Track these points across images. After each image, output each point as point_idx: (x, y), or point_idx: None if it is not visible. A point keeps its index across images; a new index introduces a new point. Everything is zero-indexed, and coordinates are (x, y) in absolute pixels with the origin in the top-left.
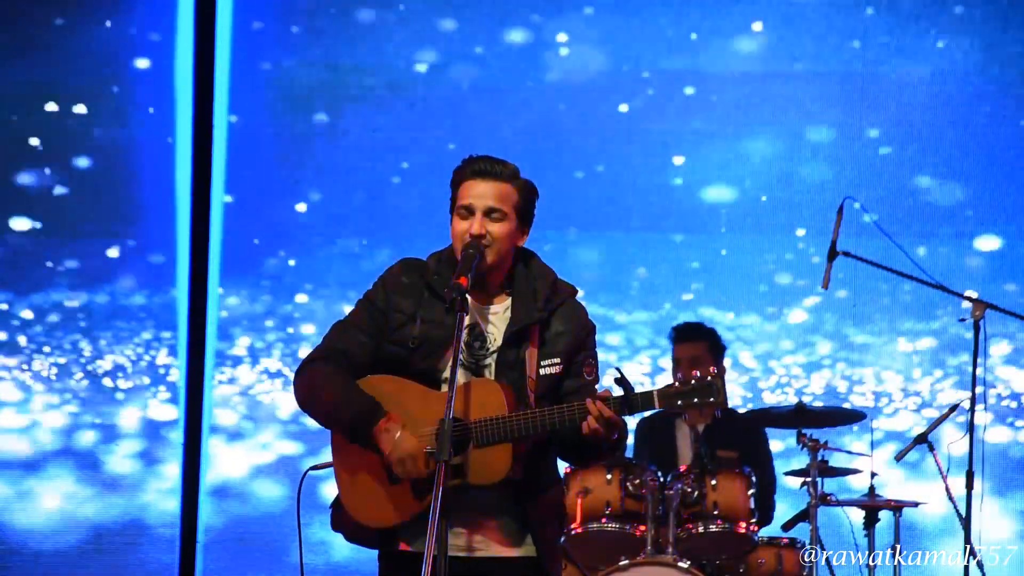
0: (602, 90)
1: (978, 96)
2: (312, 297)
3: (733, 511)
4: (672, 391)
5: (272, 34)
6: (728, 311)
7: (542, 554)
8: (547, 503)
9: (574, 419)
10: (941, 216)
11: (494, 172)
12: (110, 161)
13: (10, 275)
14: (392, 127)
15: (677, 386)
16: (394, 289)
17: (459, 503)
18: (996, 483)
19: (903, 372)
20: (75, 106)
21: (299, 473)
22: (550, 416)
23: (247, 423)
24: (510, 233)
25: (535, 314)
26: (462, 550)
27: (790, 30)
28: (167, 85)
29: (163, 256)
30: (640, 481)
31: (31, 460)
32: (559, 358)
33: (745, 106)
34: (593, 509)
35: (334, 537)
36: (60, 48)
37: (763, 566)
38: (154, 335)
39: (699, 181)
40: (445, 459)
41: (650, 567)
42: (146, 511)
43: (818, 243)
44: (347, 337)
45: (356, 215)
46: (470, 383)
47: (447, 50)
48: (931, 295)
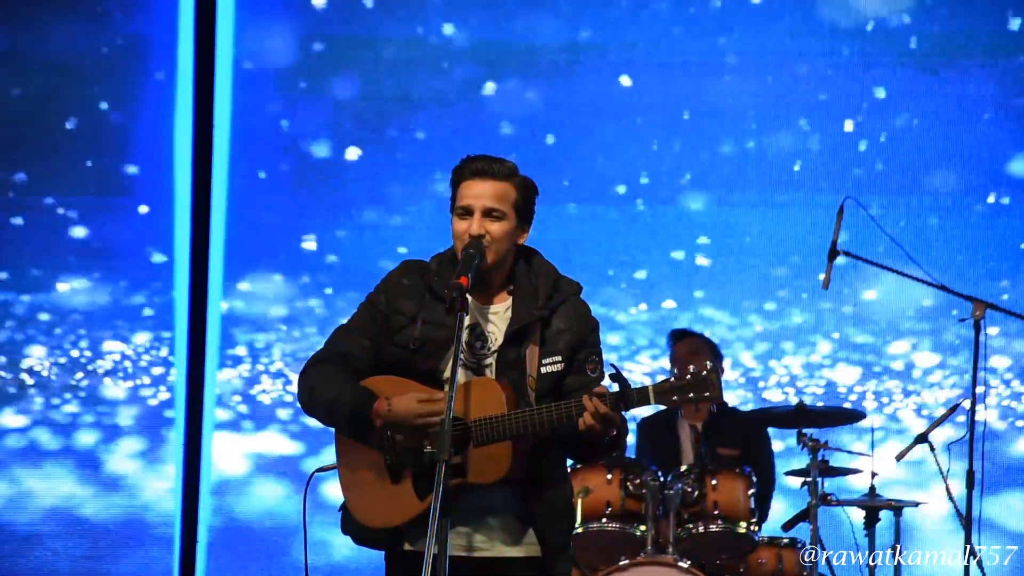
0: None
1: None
2: (312, 297)
3: (733, 511)
4: (667, 386)
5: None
6: (728, 311)
7: (547, 554)
8: (553, 502)
9: (571, 416)
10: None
11: (492, 171)
12: (111, 160)
13: (11, 274)
14: (394, 129)
15: (672, 381)
16: (395, 291)
17: (461, 502)
18: (996, 483)
19: (903, 372)
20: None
21: (299, 473)
22: (548, 413)
23: (247, 423)
24: (509, 232)
25: (535, 312)
26: (464, 549)
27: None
28: (169, 86)
29: (163, 256)
30: (640, 481)
31: (31, 460)
32: (560, 356)
33: (745, 108)
34: (593, 509)
35: (335, 537)
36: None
37: (763, 566)
38: (154, 335)
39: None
40: (445, 459)
41: (650, 567)
42: (146, 511)
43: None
44: (348, 340)
45: (357, 215)
46: (470, 382)
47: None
48: (931, 294)
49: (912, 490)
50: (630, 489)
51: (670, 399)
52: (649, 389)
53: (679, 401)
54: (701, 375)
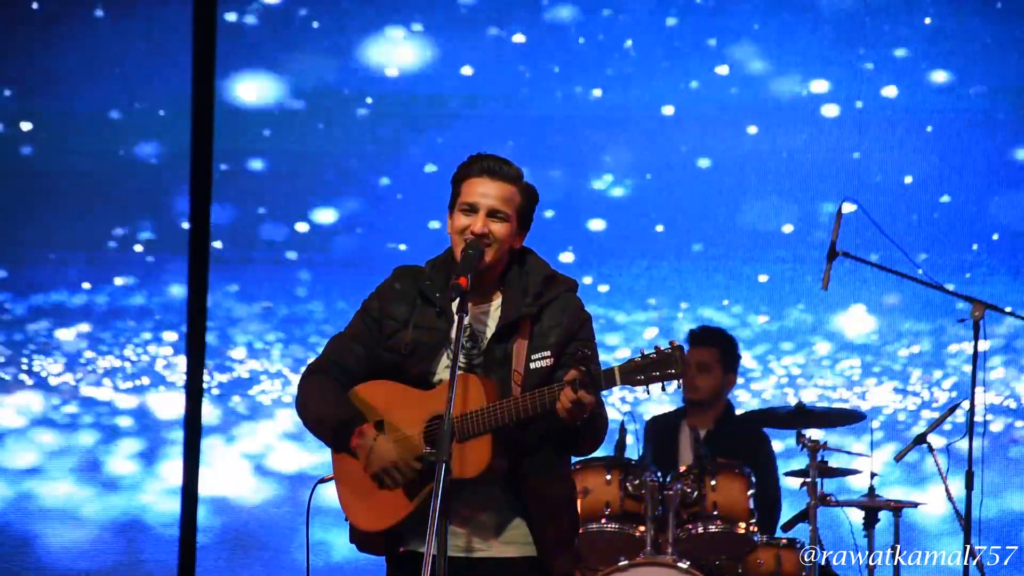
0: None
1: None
2: (313, 298)
3: (732, 511)
4: (632, 366)
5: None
6: (728, 311)
7: (542, 552)
8: (548, 499)
9: (544, 402)
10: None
11: (502, 172)
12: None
13: (11, 274)
14: (394, 131)
15: (637, 360)
16: (388, 297)
17: (453, 501)
18: (996, 483)
19: (903, 372)
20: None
21: (299, 473)
22: (523, 402)
23: (247, 423)
24: (510, 235)
25: (523, 309)
26: (460, 550)
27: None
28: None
29: (164, 256)
30: (639, 481)
31: (31, 460)
32: (549, 351)
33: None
34: (592, 509)
35: (334, 538)
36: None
37: (763, 566)
38: (154, 335)
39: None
40: (445, 459)
41: (649, 567)
42: (146, 511)
43: (818, 243)
44: (342, 349)
45: (357, 214)
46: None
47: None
48: (931, 295)
49: (911, 490)
50: (629, 490)
51: (635, 379)
52: (615, 370)
53: (645, 380)
54: (665, 352)
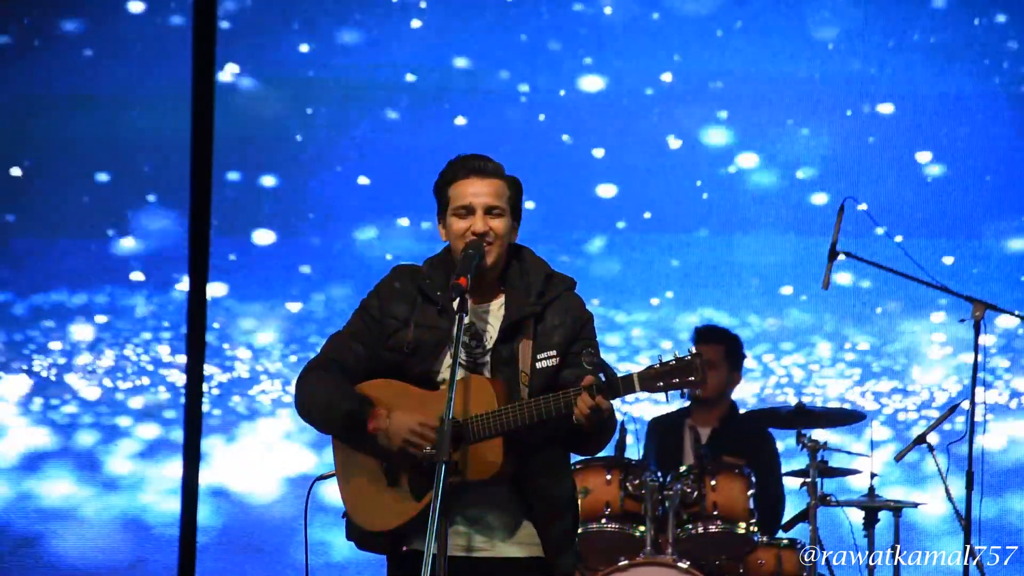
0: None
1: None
2: (313, 297)
3: (732, 512)
4: (652, 373)
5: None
6: (728, 311)
7: (548, 551)
8: (553, 498)
9: (560, 407)
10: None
11: (488, 170)
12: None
13: (11, 274)
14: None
15: (657, 367)
16: (388, 296)
17: (459, 501)
18: (996, 483)
19: (903, 372)
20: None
21: (298, 473)
22: (537, 406)
23: (247, 423)
24: (509, 228)
25: (527, 308)
26: (463, 550)
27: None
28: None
29: (164, 256)
30: (640, 481)
31: (31, 460)
32: (555, 350)
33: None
34: (593, 509)
35: (334, 538)
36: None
37: (763, 566)
38: (154, 335)
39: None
40: (445, 459)
41: (649, 567)
42: (146, 511)
43: (818, 242)
44: (342, 347)
45: (357, 215)
46: (460, 381)
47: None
48: (932, 295)
49: (911, 490)
50: (629, 490)
51: (655, 385)
52: (634, 376)
53: (665, 387)
54: (685, 360)
